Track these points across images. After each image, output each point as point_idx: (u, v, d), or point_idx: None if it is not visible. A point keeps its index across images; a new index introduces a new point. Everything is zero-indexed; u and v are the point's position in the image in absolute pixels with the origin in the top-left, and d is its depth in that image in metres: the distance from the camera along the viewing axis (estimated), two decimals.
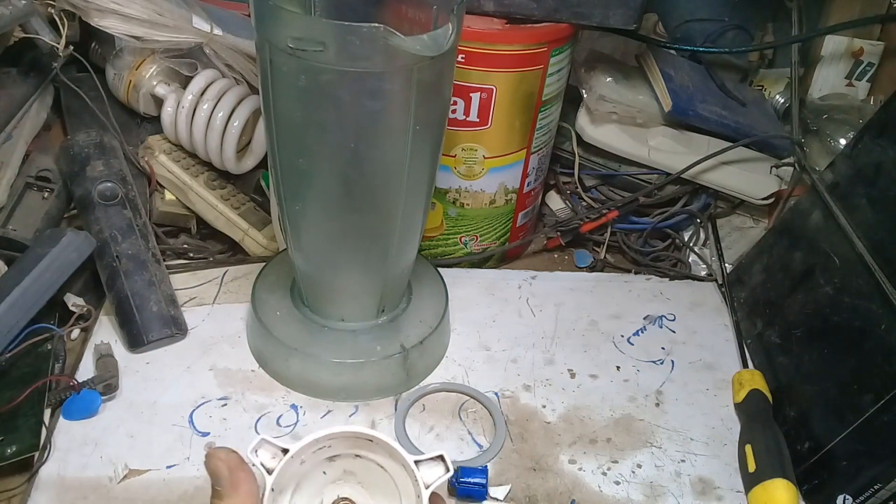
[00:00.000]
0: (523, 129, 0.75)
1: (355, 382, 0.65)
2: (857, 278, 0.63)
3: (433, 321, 0.69)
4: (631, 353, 0.73)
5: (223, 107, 0.77)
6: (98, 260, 0.70)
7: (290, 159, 0.56)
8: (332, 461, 0.40)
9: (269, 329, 0.66)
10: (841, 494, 0.56)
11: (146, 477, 0.57)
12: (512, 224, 0.83)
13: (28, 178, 0.76)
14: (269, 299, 0.69)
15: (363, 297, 0.66)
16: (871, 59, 0.93)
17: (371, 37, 0.46)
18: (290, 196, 0.59)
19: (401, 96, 0.51)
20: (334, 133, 0.53)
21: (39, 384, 0.60)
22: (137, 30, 0.77)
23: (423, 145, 0.56)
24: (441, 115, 0.58)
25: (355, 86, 0.50)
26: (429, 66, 0.50)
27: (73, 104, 0.84)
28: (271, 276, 0.72)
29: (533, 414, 0.66)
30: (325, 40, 0.47)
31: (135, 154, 0.81)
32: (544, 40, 0.70)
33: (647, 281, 0.83)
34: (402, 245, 0.62)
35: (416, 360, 0.67)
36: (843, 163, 0.70)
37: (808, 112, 0.90)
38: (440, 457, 0.38)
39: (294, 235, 0.62)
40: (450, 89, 0.58)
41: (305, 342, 0.66)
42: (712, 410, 0.68)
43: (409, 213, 0.60)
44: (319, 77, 0.49)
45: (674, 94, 0.82)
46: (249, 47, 0.81)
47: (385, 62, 0.48)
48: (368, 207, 0.58)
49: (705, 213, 0.87)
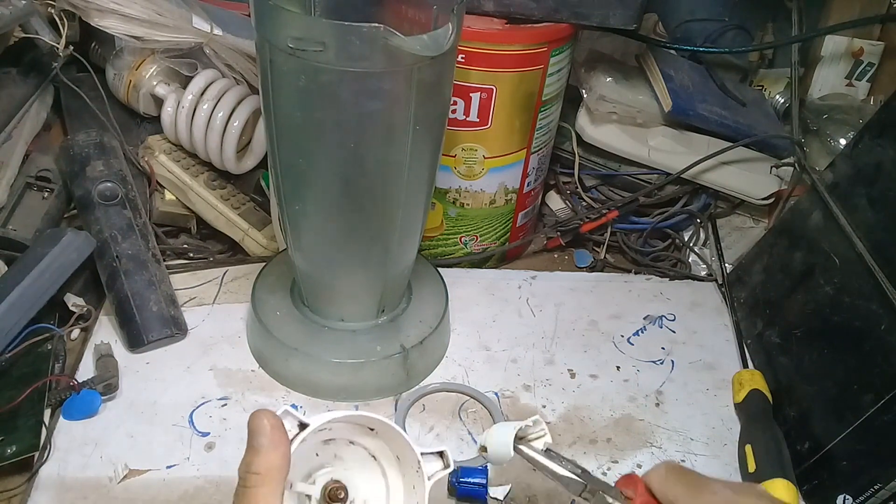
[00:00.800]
0: (523, 129, 0.75)
1: (355, 382, 0.65)
2: (857, 278, 0.63)
3: (433, 321, 0.69)
4: (631, 353, 0.73)
5: (223, 107, 0.77)
6: (98, 260, 0.70)
7: (290, 159, 0.56)
8: (326, 444, 0.40)
9: (269, 329, 0.66)
10: (841, 494, 0.56)
11: (146, 477, 0.57)
12: (512, 224, 0.83)
13: (28, 178, 0.76)
14: (269, 299, 0.69)
15: (363, 297, 0.66)
16: (871, 59, 0.93)
17: (371, 37, 0.46)
18: (290, 196, 0.59)
19: (401, 96, 0.51)
20: (334, 133, 0.53)
21: (39, 384, 0.60)
22: (137, 30, 0.77)
23: (423, 145, 0.56)
24: (441, 115, 0.58)
25: (355, 86, 0.50)
26: (429, 66, 0.50)
27: (73, 104, 0.84)
28: (271, 277, 0.72)
29: (533, 414, 0.66)
30: (326, 40, 0.47)
31: (135, 154, 0.81)
32: (544, 40, 0.70)
33: (647, 281, 0.83)
34: (402, 245, 0.62)
35: (416, 360, 0.67)
36: (843, 163, 0.70)
37: (808, 112, 0.90)
38: (441, 452, 0.39)
39: (294, 235, 0.62)
40: (450, 89, 0.58)
41: (305, 342, 0.66)
42: (712, 410, 0.68)
43: (409, 213, 0.60)
44: (319, 77, 0.49)
45: (674, 94, 0.82)
46: (249, 47, 0.81)
47: (385, 62, 0.48)
48: (368, 207, 0.58)
49: (705, 213, 0.87)
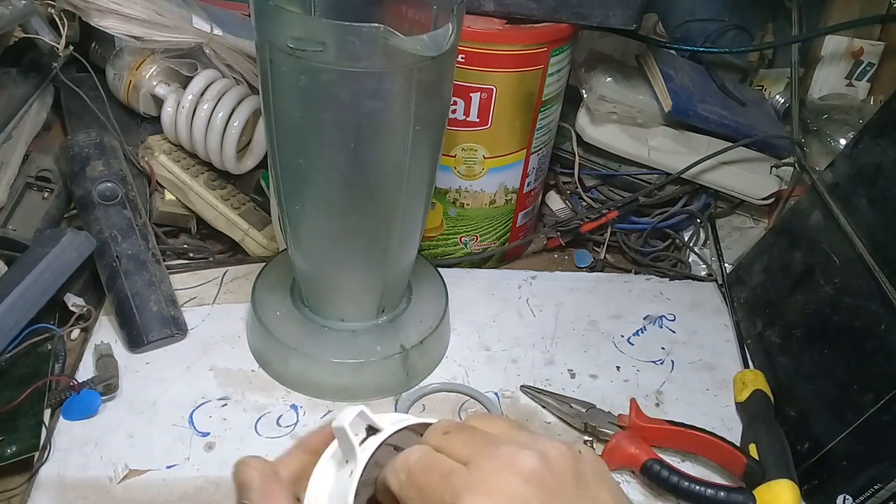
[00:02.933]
0: (523, 129, 0.75)
1: (355, 383, 0.65)
2: (857, 278, 0.63)
3: (433, 321, 0.69)
4: (631, 353, 0.73)
5: (223, 107, 0.77)
6: (98, 260, 0.70)
7: (289, 159, 0.56)
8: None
9: (269, 329, 0.66)
10: (841, 494, 0.56)
11: (146, 477, 0.57)
12: (512, 224, 0.83)
13: (28, 178, 0.76)
14: (269, 299, 0.69)
15: (363, 297, 0.66)
16: (870, 59, 0.93)
17: (371, 37, 0.46)
18: (289, 196, 0.59)
19: (401, 96, 0.51)
20: (334, 133, 0.53)
21: (39, 384, 0.60)
22: (137, 30, 0.77)
23: (423, 145, 0.56)
24: (441, 115, 0.58)
25: (355, 86, 0.50)
26: (429, 66, 0.50)
27: (73, 104, 0.84)
28: (271, 276, 0.72)
29: (533, 414, 0.66)
30: (325, 40, 0.47)
31: (135, 154, 0.81)
32: (544, 40, 0.70)
33: (647, 281, 0.83)
34: (402, 245, 0.62)
35: (416, 360, 0.67)
36: (843, 163, 0.70)
37: (807, 112, 0.90)
38: None
39: (294, 235, 0.62)
40: (450, 89, 0.58)
41: (305, 342, 0.65)
42: (712, 411, 0.68)
43: (409, 213, 0.60)
44: (319, 77, 0.49)
45: (674, 94, 0.82)
46: (249, 47, 0.81)
47: (385, 62, 0.48)
48: (368, 207, 0.58)
49: (705, 214, 0.87)
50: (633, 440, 0.60)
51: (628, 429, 0.62)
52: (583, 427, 0.64)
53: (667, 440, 0.62)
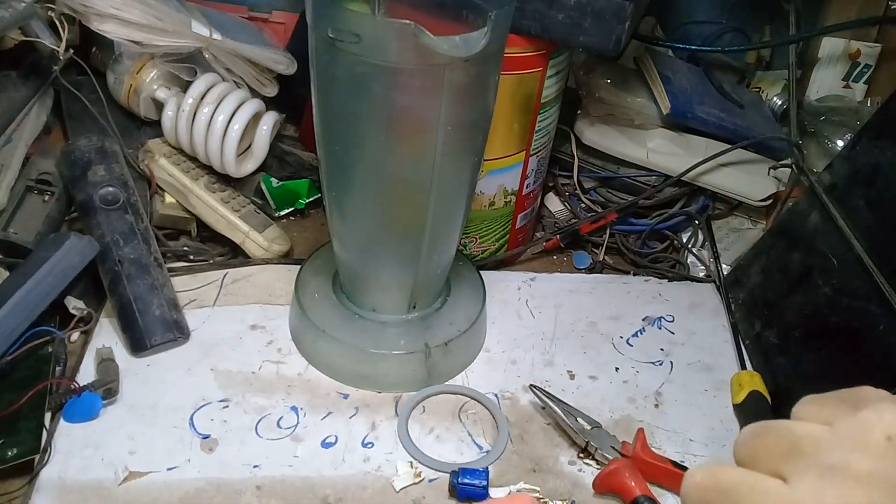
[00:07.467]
0: (522, 131, 0.75)
1: (375, 372, 0.67)
2: (855, 279, 0.63)
3: (463, 325, 0.69)
4: (630, 354, 0.73)
5: (223, 110, 0.78)
6: (100, 264, 0.70)
7: (329, 145, 0.59)
8: None
9: (304, 309, 0.68)
10: None
11: (147, 479, 0.57)
12: (511, 226, 0.83)
13: (28, 182, 0.76)
14: (311, 281, 0.72)
15: (393, 291, 0.68)
16: (868, 60, 0.93)
17: (402, 33, 0.48)
18: (329, 181, 0.62)
19: (431, 95, 0.53)
20: (366, 123, 0.55)
21: (40, 387, 0.60)
22: (137, 34, 0.77)
23: (457, 148, 0.57)
24: (478, 120, 0.59)
25: (386, 79, 0.52)
26: (462, 67, 0.52)
27: (74, 108, 0.85)
28: (319, 261, 0.74)
29: (533, 415, 0.66)
30: (360, 32, 0.49)
31: (135, 157, 0.81)
32: (542, 43, 0.70)
33: (645, 282, 0.83)
34: (435, 244, 0.63)
35: (440, 360, 0.67)
36: (840, 164, 0.70)
37: (805, 114, 0.90)
38: None
39: (332, 220, 0.65)
40: (491, 95, 0.59)
41: (334, 326, 0.67)
42: (711, 411, 0.68)
43: (441, 213, 0.61)
44: (354, 68, 0.52)
45: (672, 96, 0.83)
46: (248, 51, 0.81)
47: (416, 59, 0.50)
48: (397, 202, 0.60)
49: (703, 215, 0.88)
50: (631, 471, 0.58)
51: (630, 458, 0.60)
52: (583, 445, 0.62)
53: (666, 480, 0.60)
